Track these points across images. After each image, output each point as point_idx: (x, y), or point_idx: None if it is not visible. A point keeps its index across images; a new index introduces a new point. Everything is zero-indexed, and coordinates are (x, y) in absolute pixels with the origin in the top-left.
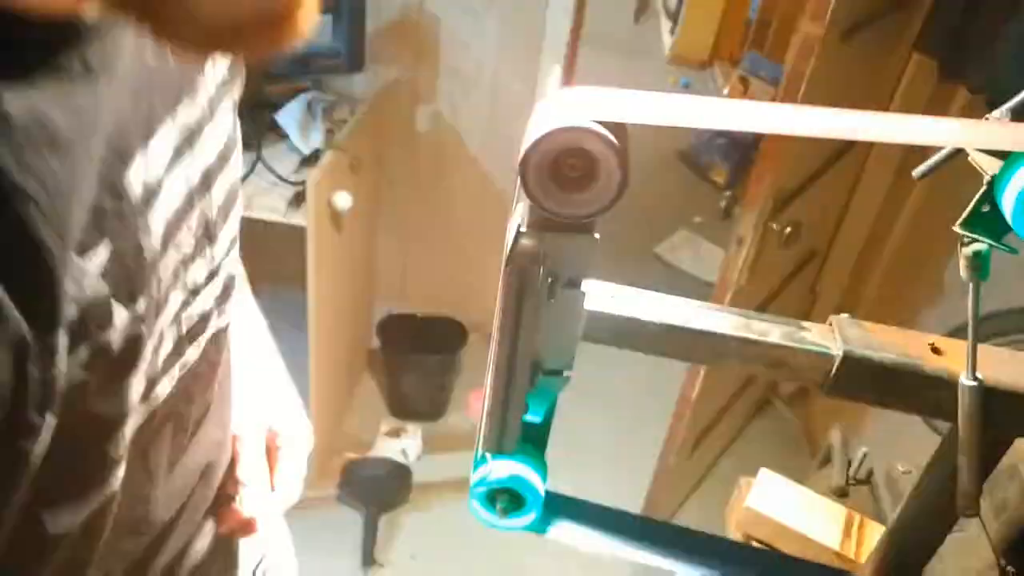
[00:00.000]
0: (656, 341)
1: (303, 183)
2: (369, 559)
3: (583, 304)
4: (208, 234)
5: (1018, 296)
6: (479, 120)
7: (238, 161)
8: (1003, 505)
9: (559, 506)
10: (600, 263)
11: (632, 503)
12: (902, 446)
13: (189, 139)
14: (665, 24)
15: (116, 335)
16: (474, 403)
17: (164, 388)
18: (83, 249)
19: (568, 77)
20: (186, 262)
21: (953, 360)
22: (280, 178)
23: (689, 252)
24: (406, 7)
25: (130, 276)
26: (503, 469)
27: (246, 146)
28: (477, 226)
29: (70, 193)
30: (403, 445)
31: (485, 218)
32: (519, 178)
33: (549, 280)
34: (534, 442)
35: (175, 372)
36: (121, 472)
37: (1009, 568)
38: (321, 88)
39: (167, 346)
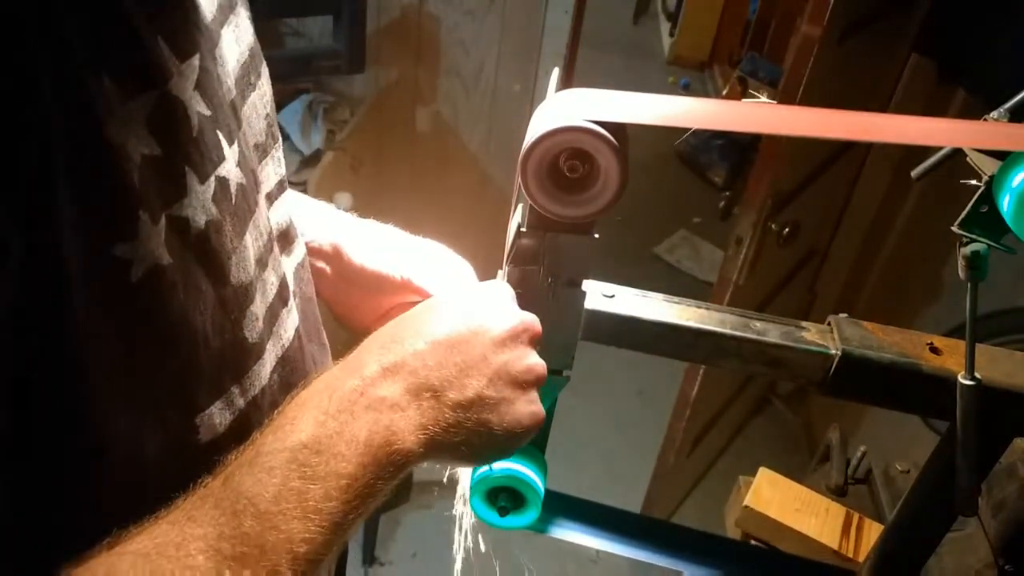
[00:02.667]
0: (656, 341)
1: (304, 183)
2: (370, 557)
3: (583, 304)
4: (272, 132)
5: (1016, 296)
6: (479, 120)
7: (268, 73)
8: (1001, 504)
9: (559, 505)
10: (600, 263)
11: (631, 502)
12: (900, 445)
13: (230, 1)
14: (664, 25)
15: (231, 172)
16: None
17: (271, 280)
18: (179, 50)
19: (568, 77)
20: (260, 148)
21: (951, 360)
22: None
23: (688, 252)
24: (406, 8)
25: (222, 107)
26: (503, 468)
27: None
28: (477, 226)
29: None
30: None
31: (485, 218)
32: (519, 178)
33: (549, 280)
34: (534, 442)
35: (274, 282)
36: (264, 371)
37: (1007, 567)
38: (322, 89)
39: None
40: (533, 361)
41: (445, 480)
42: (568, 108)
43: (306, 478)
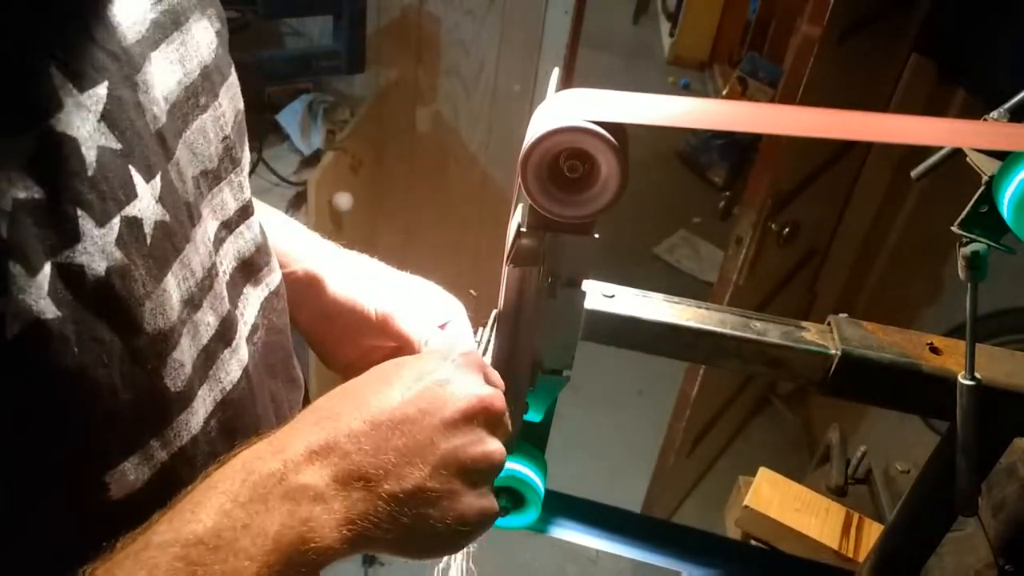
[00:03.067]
0: (656, 341)
1: (304, 184)
2: (370, 557)
3: (583, 304)
4: (231, 155)
5: (1016, 296)
6: (479, 120)
7: (237, 89)
8: (1001, 504)
9: (559, 505)
10: (600, 263)
11: (631, 502)
12: (901, 445)
13: (174, 19)
14: (664, 25)
15: (146, 211)
16: None
17: (207, 321)
18: (79, 79)
19: (568, 77)
20: (211, 175)
21: (951, 360)
22: (281, 179)
23: (688, 252)
24: (406, 8)
25: (140, 139)
26: (504, 468)
27: None
28: (477, 226)
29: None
30: None
31: (485, 218)
32: (519, 178)
33: (549, 280)
34: (534, 442)
35: (211, 322)
36: (194, 419)
37: (1007, 567)
38: (322, 89)
39: (197, 278)
40: (488, 448)
41: None
42: (568, 108)
43: None
